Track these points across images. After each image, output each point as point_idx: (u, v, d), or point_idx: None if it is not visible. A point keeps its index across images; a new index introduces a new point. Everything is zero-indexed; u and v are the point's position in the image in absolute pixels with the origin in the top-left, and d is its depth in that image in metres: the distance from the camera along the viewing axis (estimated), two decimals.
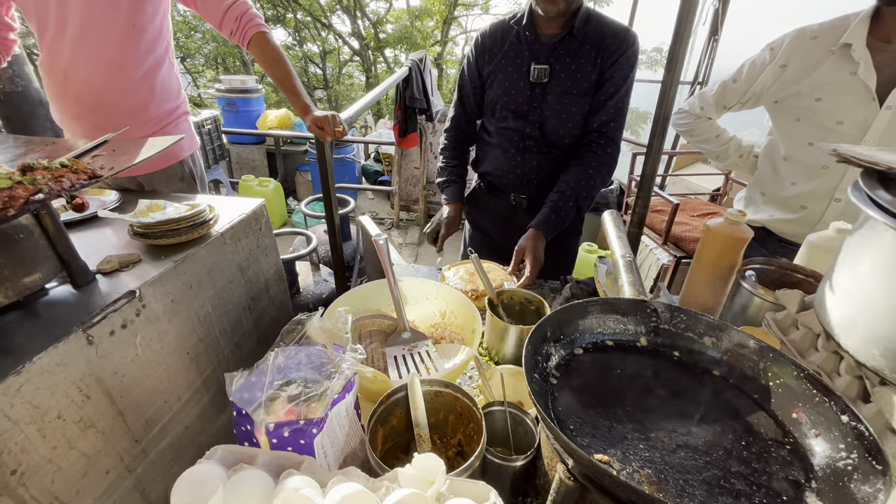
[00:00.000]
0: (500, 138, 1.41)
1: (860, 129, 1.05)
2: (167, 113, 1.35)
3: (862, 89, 1.03)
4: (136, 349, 0.89)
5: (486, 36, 1.35)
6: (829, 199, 1.12)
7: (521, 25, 1.27)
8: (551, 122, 1.30)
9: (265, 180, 4.22)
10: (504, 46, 1.31)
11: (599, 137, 1.24)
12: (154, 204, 1.12)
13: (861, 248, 0.62)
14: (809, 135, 1.13)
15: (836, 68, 1.06)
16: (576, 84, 1.24)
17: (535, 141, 1.35)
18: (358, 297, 0.88)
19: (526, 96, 1.30)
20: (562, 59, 1.24)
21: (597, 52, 1.22)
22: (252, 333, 1.31)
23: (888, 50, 1.01)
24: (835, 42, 1.06)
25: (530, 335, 0.54)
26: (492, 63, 1.34)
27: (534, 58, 1.27)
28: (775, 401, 0.51)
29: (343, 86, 14.60)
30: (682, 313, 0.61)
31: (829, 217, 1.13)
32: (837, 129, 1.07)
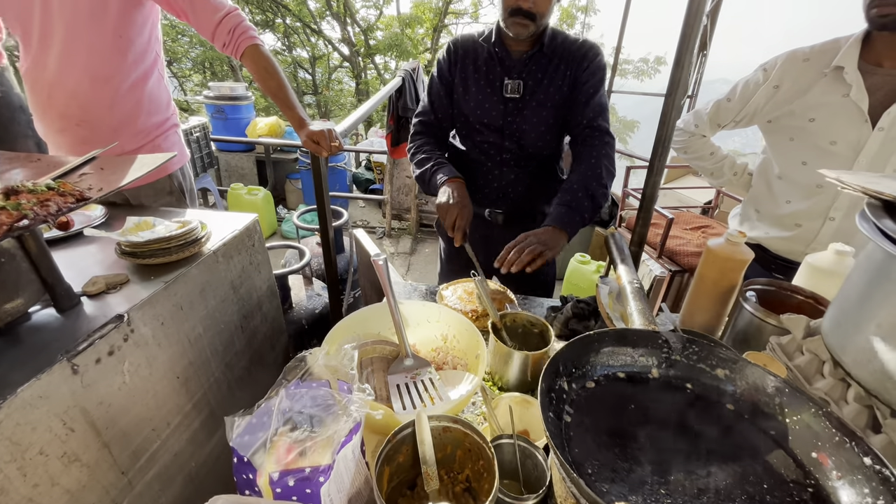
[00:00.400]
0: (477, 152, 1.40)
1: (853, 150, 1.07)
2: (156, 126, 1.32)
3: (855, 111, 1.05)
4: (123, 376, 0.85)
5: (458, 45, 1.35)
6: (824, 217, 1.13)
7: (491, 43, 1.28)
8: (529, 135, 1.31)
9: (255, 189, 4.16)
10: (477, 62, 1.31)
11: (592, 131, 1.25)
12: (143, 221, 1.08)
13: (869, 277, 0.62)
14: (803, 154, 1.14)
15: (828, 90, 1.08)
16: (549, 97, 1.27)
17: (512, 154, 1.35)
18: (358, 321, 0.85)
19: (500, 111, 1.31)
20: (534, 75, 1.27)
21: (566, 65, 1.25)
22: (244, 353, 1.28)
23: (879, 73, 1.03)
24: (827, 64, 1.08)
25: (544, 372, 0.52)
26: (464, 73, 1.33)
27: (506, 73, 1.28)
28: (793, 439, 0.50)
29: (333, 91, 14.55)
30: (694, 344, 0.60)
31: (824, 235, 1.15)
32: (831, 149, 1.09)
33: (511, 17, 1.16)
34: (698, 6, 0.88)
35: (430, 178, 1.31)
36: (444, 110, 1.39)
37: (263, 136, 4.53)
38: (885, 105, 1.02)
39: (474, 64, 1.32)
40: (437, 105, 1.39)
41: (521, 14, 1.14)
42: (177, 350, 0.99)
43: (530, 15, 1.14)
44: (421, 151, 1.38)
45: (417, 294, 1.21)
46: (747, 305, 0.90)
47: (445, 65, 1.36)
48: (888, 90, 1.02)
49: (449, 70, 1.35)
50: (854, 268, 0.66)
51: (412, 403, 0.69)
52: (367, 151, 4.99)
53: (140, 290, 0.94)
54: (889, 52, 1.02)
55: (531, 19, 1.15)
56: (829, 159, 1.10)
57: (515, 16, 1.15)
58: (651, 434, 0.52)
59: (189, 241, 1.04)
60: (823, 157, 1.11)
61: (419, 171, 1.35)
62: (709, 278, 0.98)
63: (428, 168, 1.32)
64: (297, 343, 1.68)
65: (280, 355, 1.51)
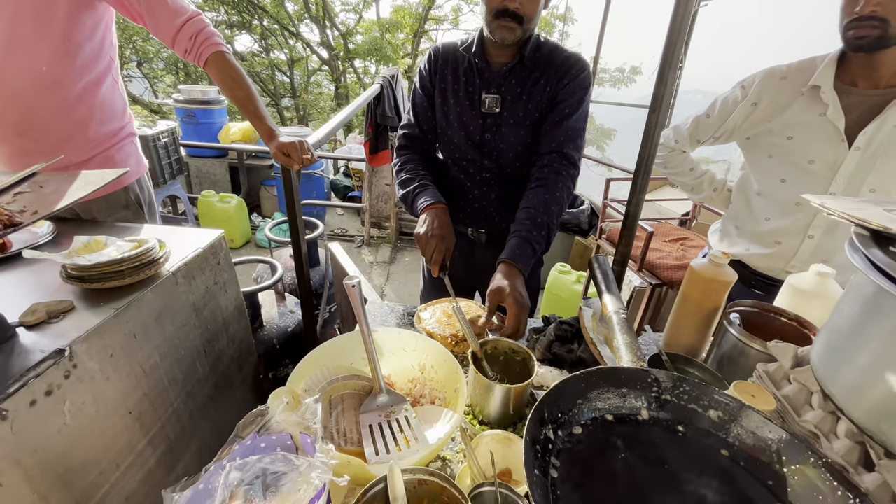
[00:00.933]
0: (457, 170, 1.34)
1: (831, 168, 1.07)
2: (109, 135, 1.22)
3: (832, 130, 1.06)
4: (63, 418, 0.76)
5: (440, 53, 1.29)
6: (804, 235, 1.14)
7: (472, 53, 1.22)
8: (507, 154, 1.26)
9: (227, 196, 4.01)
10: (457, 72, 1.25)
11: (560, 157, 1.16)
12: (92, 241, 0.98)
13: (859, 310, 0.60)
14: (782, 172, 1.15)
15: (806, 109, 1.09)
16: (528, 115, 1.21)
17: (492, 173, 1.30)
18: (329, 352, 0.79)
19: (479, 126, 1.23)
20: (513, 89, 1.20)
21: (546, 80, 1.18)
22: (208, 379, 1.19)
23: (854, 93, 1.04)
24: (804, 83, 1.09)
25: (529, 421, 0.48)
26: (444, 84, 1.27)
27: (485, 86, 1.21)
28: (792, 491, 0.47)
29: (311, 95, 14.33)
30: (684, 383, 0.57)
31: (804, 253, 1.15)
32: (809, 167, 1.10)
33: (496, 20, 1.09)
34: (681, 23, 0.86)
35: (413, 201, 1.23)
36: (428, 122, 1.32)
37: (237, 141, 4.39)
38: (861, 125, 1.03)
39: (454, 74, 1.26)
40: (422, 118, 1.32)
41: (507, 16, 1.08)
42: (129, 383, 0.91)
43: (517, 17, 1.08)
44: (405, 170, 1.30)
45: (395, 315, 1.15)
46: (732, 329, 0.88)
47: (426, 74, 1.30)
48: (863, 110, 1.03)
49: (430, 79, 1.29)
50: (842, 298, 0.64)
51: (385, 447, 0.63)
52: (346, 158, 4.90)
53: (87, 318, 0.85)
54: (863, 72, 1.03)
55: (518, 22, 1.09)
56: (808, 177, 1.11)
57: (501, 18, 1.08)
58: (645, 488, 0.48)
59: (144, 262, 0.96)
60: (802, 174, 1.12)
61: (402, 191, 1.28)
62: (692, 299, 0.96)
63: (411, 190, 1.25)
64: (268, 364, 1.60)
65: (249, 377, 1.42)
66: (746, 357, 0.86)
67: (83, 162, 1.15)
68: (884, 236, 0.62)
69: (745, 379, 0.86)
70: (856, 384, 0.58)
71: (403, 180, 1.29)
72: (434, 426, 0.69)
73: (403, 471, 0.50)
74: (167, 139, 3.58)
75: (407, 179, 1.28)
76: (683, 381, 0.57)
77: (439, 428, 0.68)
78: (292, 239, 1.42)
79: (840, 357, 0.61)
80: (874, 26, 0.92)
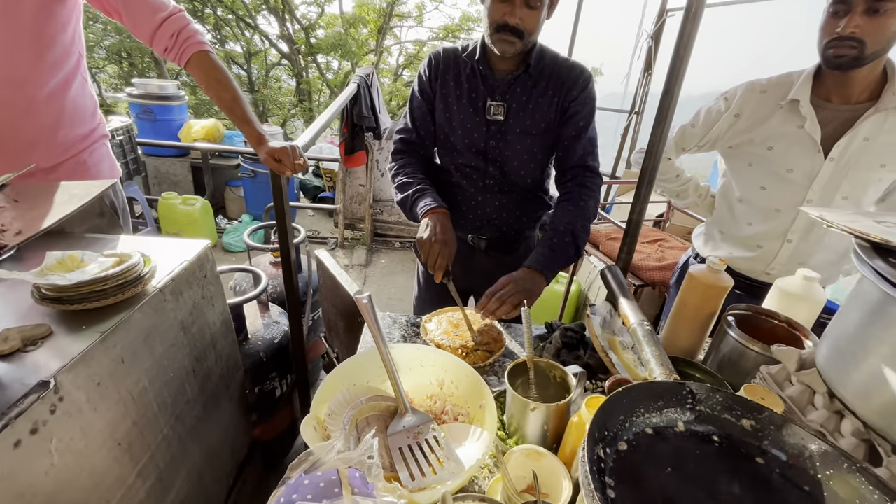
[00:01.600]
0: (459, 176, 1.33)
1: (808, 178, 1.15)
2: (80, 138, 1.11)
3: (809, 142, 1.13)
4: (51, 457, 0.69)
5: (440, 59, 1.26)
6: (783, 239, 1.21)
7: (475, 59, 1.20)
8: (512, 162, 1.26)
9: (191, 198, 3.78)
10: (459, 77, 1.24)
11: (584, 170, 1.21)
12: (68, 257, 0.89)
13: (866, 315, 0.64)
14: (762, 180, 1.22)
15: (785, 121, 1.16)
16: (534, 124, 1.20)
17: (495, 180, 1.30)
18: (346, 373, 0.76)
19: (483, 133, 1.23)
20: (518, 98, 1.20)
21: (554, 91, 1.18)
22: (197, 400, 1.12)
23: (829, 108, 1.12)
24: (783, 96, 1.16)
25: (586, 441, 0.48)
26: (445, 90, 1.25)
27: (489, 93, 1.20)
28: (829, 495, 0.50)
29: (270, 90, 13.80)
30: (717, 394, 0.59)
31: (783, 256, 1.23)
32: (788, 176, 1.17)
33: (497, 34, 1.09)
34: (689, 37, 0.89)
35: (412, 206, 1.21)
36: (426, 128, 1.30)
37: (200, 139, 4.15)
38: (836, 137, 1.11)
39: (456, 80, 1.24)
40: (420, 123, 1.30)
41: (507, 30, 1.07)
42: (117, 412, 0.84)
43: (517, 32, 1.07)
44: (402, 173, 1.28)
45: (398, 327, 1.13)
46: (732, 332, 0.92)
47: (426, 79, 1.27)
48: (837, 124, 1.11)
49: (430, 85, 1.27)
50: (847, 304, 0.68)
51: (420, 470, 0.62)
52: (317, 158, 4.76)
53: (69, 344, 0.78)
54: (837, 89, 1.11)
55: (518, 37, 1.08)
56: (786, 185, 1.18)
57: (501, 32, 1.08)
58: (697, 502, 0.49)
59: (130, 280, 0.88)
60: (781, 183, 1.19)
61: (401, 195, 1.25)
62: (691, 305, 1.00)
63: (410, 194, 1.22)
64: (255, 378, 1.53)
65: (236, 393, 1.35)
66: (746, 359, 0.91)
67: (52, 167, 1.04)
68: (883, 248, 0.67)
69: (743, 379, 0.91)
70: (866, 386, 0.62)
71: (401, 184, 1.26)
72: (463, 444, 0.68)
73: (455, 497, 0.49)
74: (122, 137, 3.34)
75: (405, 183, 1.25)
76: (716, 391, 0.59)
77: (469, 446, 0.67)
78: (281, 247, 1.36)
79: (850, 360, 0.65)
80: (852, 46, 0.99)
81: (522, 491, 0.68)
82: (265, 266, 2.01)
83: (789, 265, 1.23)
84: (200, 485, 1.15)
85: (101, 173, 1.17)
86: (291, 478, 0.43)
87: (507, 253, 1.41)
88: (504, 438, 0.74)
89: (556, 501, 0.63)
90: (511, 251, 1.40)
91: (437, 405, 0.78)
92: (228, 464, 1.33)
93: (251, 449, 1.47)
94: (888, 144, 1.08)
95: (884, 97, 1.06)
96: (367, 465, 0.44)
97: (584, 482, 0.45)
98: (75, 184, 0.73)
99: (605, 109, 3.62)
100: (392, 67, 13.45)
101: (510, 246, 1.40)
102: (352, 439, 0.49)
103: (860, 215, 0.80)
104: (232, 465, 1.35)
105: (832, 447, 0.51)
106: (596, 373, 0.98)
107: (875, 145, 1.09)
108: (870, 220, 0.78)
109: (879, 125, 1.08)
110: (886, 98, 1.06)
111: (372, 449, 0.46)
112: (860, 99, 1.10)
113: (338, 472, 0.46)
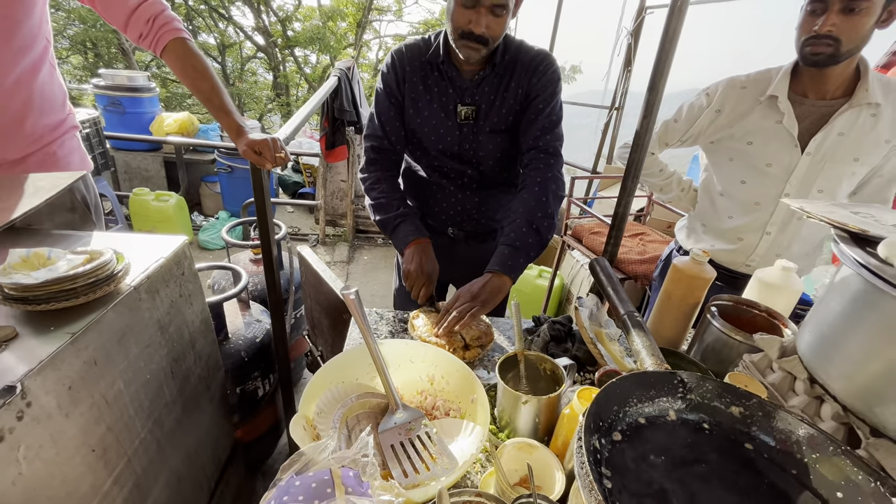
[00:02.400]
0: (437, 177, 1.30)
1: (785, 171, 1.18)
2: (50, 128, 1.05)
3: (786, 137, 1.16)
4: (19, 467, 0.65)
5: (404, 60, 1.21)
6: (762, 231, 1.25)
7: (439, 61, 1.16)
8: (487, 161, 1.25)
9: (164, 194, 3.64)
10: (427, 80, 1.20)
11: (539, 152, 1.16)
12: (33, 254, 0.84)
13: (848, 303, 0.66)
14: (742, 174, 1.25)
15: (764, 116, 1.19)
16: (502, 119, 1.18)
17: (472, 179, 1.28)
18: (334, 370, 0.74)
19: (456, 136, 1.21)
20: (486, 97, 1.17)
21: (517, 82, 1.16)
22: (176, 402, 1.08)
23: (805, 104, 1.15)
24: (762, 92, 1.19)
25: (583, 433, 0.48)
26: (414, 93, 1.21)
27: (458, 97, 1.18)
28: (815, 478, 0.51)
29: (246, 83, 13.43)
30: (707, 382, 0.59)
31: (762, 248, 1.26)
32: (767, 170, 1.20)
33: (461, 40, 1.06)
34: (673, 33, 0.90)
35: (393, 232, 1.21)
36: (397, 133, 1.25)
37: (173, 133, 4.00)
38: (812, 132, 1.14)
39: (424, 82, 1.20)
40: (390, 128, 1.25)
41: (472, 38, 1.04)
42: (90, 417, 0.80)
43: (482, 39, 1.04)
44: (378, 191, 1.24)
45: (385, 322, 1.11)
46: (715, 322, 0.94)
47: (392, 81, 1.22)
48: (813, 119, 1.15)
49: (398, 87, 1.22)
50: (828, 293, 0.70)
51: (413, 467, 0.61)
52: (297, 153, 4.65)
53: (36, 346, 0.73)
54: (813, 85, 1.14)
55: (483, 43, 1.05)
56: (765, 179, 1.21)
57: (466, 39, 1.05)
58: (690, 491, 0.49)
59: (101, 278, 0.84)
60: (760, 177, 1.22)
61: (379, 217, 1.24)
62: (675, 295, 1.02)
63: (390, 218, 1.21)
64: (236, 378, 1.49)
65: (217, 394, 1.31)
66: (728, 348, 0.93)
67: (20, 160, 0.98)
68: (861, 237, 0.69)
69: (726, 368, 0.93)
70: (848, 372, 0.64)
71: (380, 205, 1.24)
72: (455, 440, 0.67)
73: (451, 493, 0.48)
74: (89, 130, 3.19)
75: (384, 205, 1.23)
76: (706, 380, 0.60)
77: (462, 441, 0.67)
78: (262, 243, 1.32)
79: (831, 347, 0.67)
80: (828, 44, 1.02)
81: (515, 484, 0.67)
82: (245, 263, 1.96)
83: (768, 257, 1.26)
84: (180, 489, 1.11)
85: (71, 166, 1.11)
86: (283, 479, 0.41)
87: (486, 242, 1.40)
88: (495, 432, 0.74)
89: (549, 493, 0.62)
90: (490, 240, 1.40)
91: (427, 401, 0.77)
92: (210, 466, 1.29)
93: (233, 450, 1.43)
94: (861, 139, 1.12)
95: (857, 94, 1.10)
96: (362, 464, 0.43)
97: (582, 473, 0.45)
98: (42, 175, 0.68)
99: (586, 105, 3.66)
100: (372, 62, 13.28)
101: (489, 235, 1.39)
102: (343, 438, 0.48)
103: (837, 206, 0.83)
104: (213, 467, 1.31)
105: (819, 431, 0.53)
106: (584, 365, 0.99)
107: (849, 140, 1.12)
108: (847, 210, 0.80)
109: (853, 121, 1.11)
110: (859, 94, 1.09)
111: (367, 447, 0.44)
112: (835, 95, 1.13)
113: (330, 472, 0.44)
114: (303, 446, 0.47)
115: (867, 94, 1.09)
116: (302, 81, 13.04)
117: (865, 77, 1.10)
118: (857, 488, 0.48)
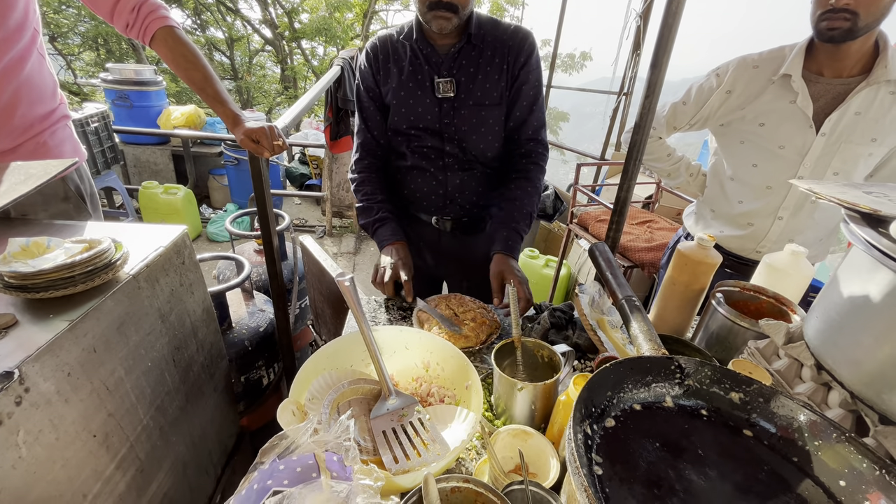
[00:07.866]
0: (417, 158, 1.28)
1: (799, 153, 1.14)
2: (40, 118, 1.05)
3: (801, 117, 1.12)
4: (18, 451, 0.66)
5: (378, 49, 1.22)
6: (774, 216, 1.20)
7: (413, 40, 1.16)
8: (470, 137, 1.22)
9: (173, 187, 3.68)
10: (401, 63, 1.19)
11: (536, 145, 1.23)
12: (32, 243, 0.85)
13: (857, 287, 0.63)
14: (753, 157, 1.20)
15: (777, 96, 1.14)
16: (486, 94, 1.17)
17: (455, 158, 1.25)
18: (327, 356, 0.74)
19: (436, 113, 1.20)
20: (465, 70, 1.16)
21: (501, 58, 1.15)
22: (178, 390, 1.09)
23: (821, 82, 1.10)
24: (775, 72, 1.14)
25: (573, 420, 0.46)
26: (389, 78, 1.21)
27: (435, 71, 1.16)
28: (817, 465, 0.49)
29: (255, 77, 13.46)
30: (705, 367, 0.57)
31: (773, 233, 1.22)
32: (779, 152, 1.16)
33: (431, 11, 1.05)
34: (676, 9, 0.86)
35: (374, 234, 1.28)
36: (378, 127, 1.27)
37: (180, 126, 4.03)
38: (827, 112, 1.09)
39: (398, 66, 1.19)
40: (372, 122, 1.27)
41: (441, 7, 1.04)
42: (91, 403, 0.80)
43: (451, 6, 1.04)
44: (361, 192, 1.30)
45: (384, 311, 1.10)
46: (720, 308, 0.91)
47: (369, 76, 1.23)
48: (829, 98, 1.10)
49: (373, 78, 1.22)
50: (836, 277, 0.67)
51: (404, 453, 0.60)
52: (302, 145, 4.66)
53: (35, 333, 0.74)
54: (829, 62, 1.09)
55: (453, 11, 1.05)
56: (778, 162, 1.17)
57: (435, 9, 1.05)
58: (685, 477, 0.48)
59: (99, 266, 0.84)
60: (772, 159, 1.17)
61: (362, 220, 1.31)
62: (680, 282, 0.99)
63: (370, 222, 1.28)
64: (240, 367, 1.50)
65: (221, 383, 1.32)
66: (734, 335, 0.90)
67: (10, 150, 0.98)
68: (873, 218, 0.65)
69: (731, 355, 0.90)
70: (856, 358, 0.61)
71: (362, 208, 1.30)
72: (449, 426, 0.66)
73: (439, 479, 0.47)
74: (98, 124, 3.23)
75: (365, 209, 1.29)
76: (705, 365, 0.58)
77: (455, 428, 0.66)
78: (262, 233, 1.32)
79: (839, 333, 0.64)
80: (846, 18, 0.97)
81: (510, 471, 0.66)
82: (249, 254, 1.97)
83: (780, 242, 1.23)
84: (185, 475, 1.13)
85: (63, 155, 1.11)
86: (265, 462, 0.41)
87: (473, 234, 1.39)
88: (492, 419, 0.73)
89: (544, 480, 0.61)
90: (476, 231, 1.39)
91: (422, 387, 0.76)
92: (215, 453, 1.30)
93: (239, 438, 1.45)
94: (879, 118, 1.07)
95: (875, 70, 1.04)
96: (344, 448, 0.42)
97: (571, 459, 0.44)
98: (32, 163, 0.68)
99: (594, 91, 3.58)
100: None
101: (475, 226, 1.38)
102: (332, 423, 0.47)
103: (849, 187, 0.79)
104: (219, 454, 1.33)
105: (821, 417, 0.50)
106: (585, 352, 0.97)
107: (866, 119, 1.07)
108: (859, 191, 0.77)
109: (871, 99, 1.06)
110: (878, 71, 1.04)
111: (348, 431, 0.44)
112: (852, 72, 1.08)
113: (314, 457, 0.44)
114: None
115: (886, 70, 1.03)
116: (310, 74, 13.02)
117: (885, 53, 1.04)
118: (861, 476, 0.46)
